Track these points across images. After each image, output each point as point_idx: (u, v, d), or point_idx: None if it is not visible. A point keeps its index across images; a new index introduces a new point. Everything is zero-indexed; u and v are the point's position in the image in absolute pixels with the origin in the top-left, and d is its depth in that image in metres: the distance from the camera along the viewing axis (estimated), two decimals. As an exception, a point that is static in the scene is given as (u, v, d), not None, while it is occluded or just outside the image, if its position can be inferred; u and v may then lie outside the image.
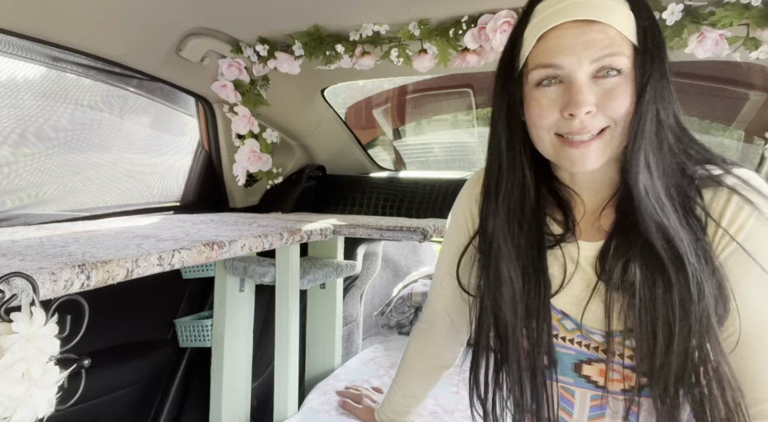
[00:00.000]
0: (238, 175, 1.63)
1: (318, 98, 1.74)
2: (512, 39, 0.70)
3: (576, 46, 0.62)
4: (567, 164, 0.66)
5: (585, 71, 0.62)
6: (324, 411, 1.36)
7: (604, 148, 0.64)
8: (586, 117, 0.62)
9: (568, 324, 0.73)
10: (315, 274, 1.52)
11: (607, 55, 0.61)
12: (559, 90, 0.64)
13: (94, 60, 1.29)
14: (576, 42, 0.62)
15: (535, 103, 0.66)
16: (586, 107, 0.62)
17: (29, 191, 1.28)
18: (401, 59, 1.26)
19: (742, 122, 1.80)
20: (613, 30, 0.62)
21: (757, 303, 0.62)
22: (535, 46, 0.65)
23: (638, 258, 0.64)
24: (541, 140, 0.67)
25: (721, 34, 1.00)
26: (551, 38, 0.64)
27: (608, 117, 0.63)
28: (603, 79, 0.62)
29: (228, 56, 1.42)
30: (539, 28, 0.64)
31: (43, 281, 0.66)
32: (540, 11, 0.65)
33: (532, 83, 0.66)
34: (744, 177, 0.64)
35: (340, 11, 1.21)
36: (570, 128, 0.63)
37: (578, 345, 0.73)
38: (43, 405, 0.60)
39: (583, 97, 0.62)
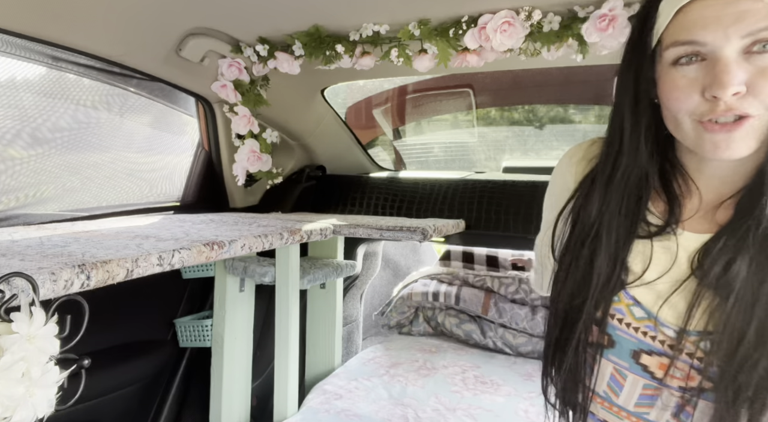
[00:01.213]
0: (237, 175, 1.63)
1: (318, 98, 1.74)
2: (643, 13, 0.62)
3: (723, 19, 0.53)
4: (709, 150, 0.58)
5: (734, 47, 0.54)
6: (324, 410, 1.36)
7: (752, 133, 0.56)
8: (733, 99, 0.54)
9: (637, 311, 0.69)
10: (315, 274, 1.52)
11: (763, 29, 0.52)
12: (701, 68, 0.56)
13: (94, 60, 1.29)
14: (723, 14, 0.53)
15: (671, 84, 0.58)
16: (734, 88, 0.53)
17: (27, 191, 1.28)
18: (401, 59, 1.26)
19: None
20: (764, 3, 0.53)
21: None
22: (673, 19, 0.57)
23: (748, 257, 0.59)
24: (680, 124, 0.60)
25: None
26: (693, 10, 0.55)
27: (760, 100, 0.54)
28: (758, 55, 0.54)
29: (228, 56, 1.42)
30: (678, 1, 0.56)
31: (43, 281, 0.66)
32: None
33: (668, 61, 0.58)
34: None
35: (340, 11, 1.21)
36: (713, 112, 0.55)
37: (642, 335, 0.69)
38: (43, 405, 0.60)
39: (730, 76, 0.53)
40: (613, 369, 0.72)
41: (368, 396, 1.49)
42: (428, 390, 1.52)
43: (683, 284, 0.65)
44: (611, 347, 0.71)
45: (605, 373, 0.72)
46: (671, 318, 0.66)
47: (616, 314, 0.70)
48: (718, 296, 0.61)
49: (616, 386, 0.72)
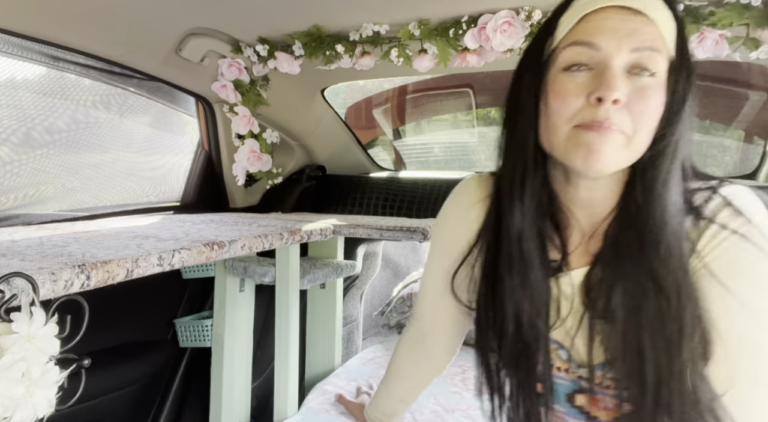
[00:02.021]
0: (238, 175, 1.63)
1: (318, 98, 1.74)
2: (546, 26, 0.65)
3: (618, 31, 0.58)
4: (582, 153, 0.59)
5: (622, 59, 0.58)
6: (324, 411, 1.36)
7: (619, 149, 0.59)
8: (612, 108, 0.57)
9: (562, 353, 0.71)
10: (315, 274, 1.52)
11: (648, 48, 0.57)
12: (589, 76, 0.59)
13: (94, 60, 1.29)
14: (620, 27, 0.58)
15: (559, 86, 0.60)
16: (618, 94, 0.56)
17: (27, 190, 1.28)
18: (401, 59, 1.26)
19: (742, 122, 1.80)
20: (656, 28, 0.58)
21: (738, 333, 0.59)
22: (574, 27, 0.60)
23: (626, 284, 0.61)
24: (556, 131, 0.61)
25: (721, 34, 1.00)
26: (593, 20, 0.59)
27: (632, 119, 0.58)
28: (636, 76, 0.58)
29: (228, 56, 1.42)
30: (581, 10, 0.60)
31: (43, 281, 0.66)
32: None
33: (560, 67, 0.61)
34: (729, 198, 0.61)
35: (340, 11, 1.21)
36: (593, 117, 0.58)
37: (572, 375, 0.70)
38: (43, 405, 0.60)
39: (617, 82, 0.57)
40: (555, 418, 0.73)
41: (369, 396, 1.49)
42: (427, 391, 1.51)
43: (581, 319, 0.66)
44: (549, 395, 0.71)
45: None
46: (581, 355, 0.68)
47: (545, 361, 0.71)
48: (608, 326, 0.63)
49: None
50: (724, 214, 0.60)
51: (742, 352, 0.58)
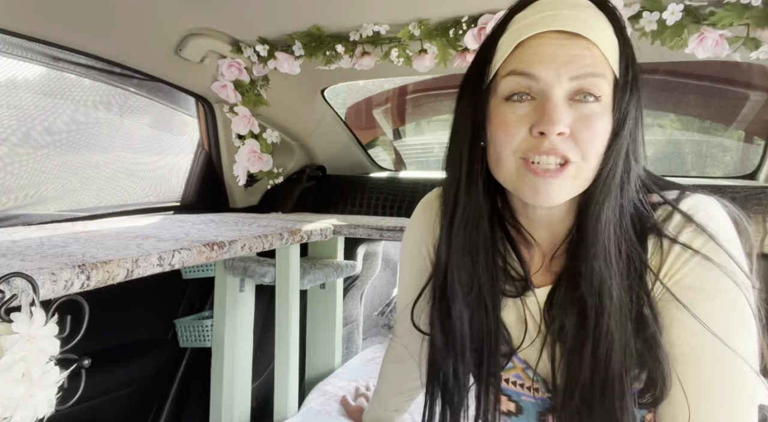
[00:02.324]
0: (238, 175, 1.62)
1: (318, 98, 1.74)
2: (485, 48, 0.63)
3: (557, 58, 0.55)
4: (529, 193, 0.58)
5: (563, 88, 0.56)
6: (324, 411, 1.36)
7: (570, 182, 0.58)
8: (557, 139, 0.56)
9: (530, 373, 0.70)
10: (315, 274, 1.52)
11: (589, 75, 0.55)
12: (530, 107, 0.57)
13: (94, 60, 1.29)
14: (557, 54, 0.55)
15: (501, 118, 0.58)
16: (560, 126, 0.55)
17: (29, 191, 1.28)
18: (401, 59, 1.26)
19: (742, 122, 1.80)
20: (597, 50, 0.56)
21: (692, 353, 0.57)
22: (511, 54, 0.58)
23: (577, 307, 0.60)
24: (503, 162, 0.59)
25: (721, 34, 1.00)
26: (530, 46, 0.57)
27: (579, 147, 0.56)
28: (580, 103, 0.56)
29: (228, 56, 1.42)
30: (517, 36, 0.58)
31: (43, 281, 0.66)
32: (520, 20, 0.59)
33: (501, 96, 0.59)
34: (690, 213, 0.59)
35: (340, 11, 1.21)
36: (538, 149, 0.56)
37: (543, 394, 0.70)
38: (43, 405, 0.60)
39: (558, 115, 0.55)
40: None
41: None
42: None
43: (545, 341, 0.66)
44: (520, 413, 0.72)
45: None
46: (547, 374, 0.67)
47: (516, 381, 0.71)
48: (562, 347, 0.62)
49: None
50: (687, 232, 0.58)
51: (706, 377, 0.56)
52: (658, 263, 0.59)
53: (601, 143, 0.57)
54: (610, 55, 0.57)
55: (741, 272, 0.57)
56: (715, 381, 0.56)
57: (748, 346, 0.56)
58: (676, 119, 1.98)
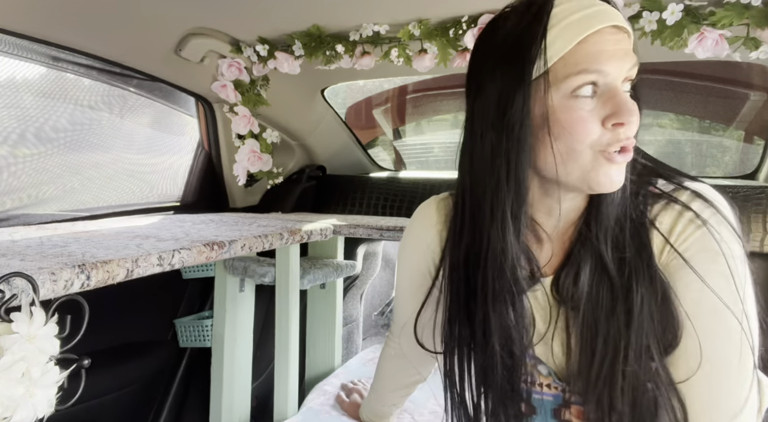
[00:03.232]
0: (238, 175, 1.62)
1: (318, 98, 1.74)
2: (521, 40, 0.60)
3: (617, 53, 0.58)
4: (605, 181, 0.60)
5: (621, 81, 0.59)
6: (324, 411, 1.36)
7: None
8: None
9: (543, 368, 0.70)
10: (315, 274, 1.52)
11: (635, 65, 0.60)
12: (597, 101, 0.59)
13: (94, 60, 1.29)
14: (617, 49, 0.58)
15: (575, 114, 0.58)
16: (637, 116, 0.58)
17: (29, 191, 1.28)
18: (401, 59, 1.26)
19: (742, 122, 1.80)
20: (631, 40, 0.61)
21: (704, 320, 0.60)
22: (573, 49, 0.58)
23: (589, 269, 0.63)
24: (577, 156, 0.59)
25: (721, 34, 1.00)
26: (594, 43, 0.57)
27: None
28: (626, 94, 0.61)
29: (228, 56, 1.42)
30: (577, 30, 0.57)
31: (43, 281, 0.66)
32: (566, 13, 0.58)
33: (566, 91, 0.58)
34: (698, 191, 0.63)
35: (340, 11, 1.21)
36: (618, 140, 0.58)
37: (555, 390, 0.70)
38: (43, 405, 0.60)
39: (633, 105, 0.58)
40: None
41: (368, 396, 1.49)
42: (426, 391, 1.51)
43: (556, 321, 0.67)
44: (532, 414, 0.71)
45: None
46: (561, 364, 0.68)
47: (527, 379, 0.70)
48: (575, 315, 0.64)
49: None
50: (696, 205, 0.62)
51: (712, 333, 0.59)
52: (668, 230, 0.63)
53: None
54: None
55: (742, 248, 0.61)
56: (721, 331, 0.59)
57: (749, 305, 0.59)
58: (675, 119, 1.98)
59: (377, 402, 1.09)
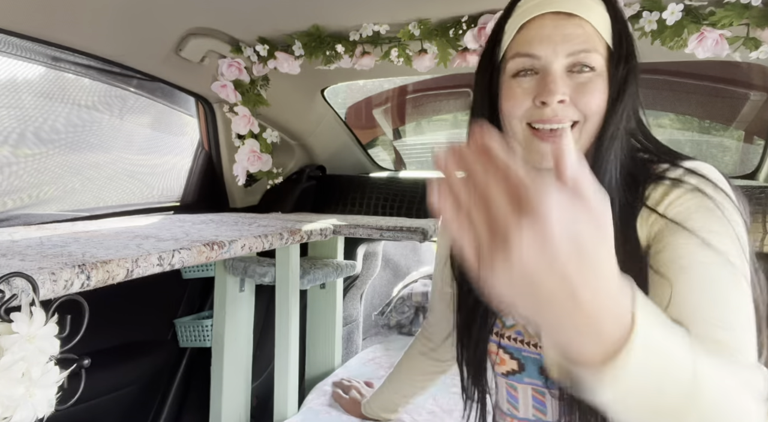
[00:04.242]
0: (238, 175, 1.62)
1: (318, 98, 1.74)
2: (494, 32, 0.71)
3: (553, 37, 0.63)
4: (537, 158, 0.65)
5: (560, 63, 0.63)
6: (324, 411, 1.36)
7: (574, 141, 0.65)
8: (559, 106, 0.63)
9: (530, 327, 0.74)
10: (315, 274, 1.52)
11: (582, 51, 0.63)
12: (534, 81, 0.65)
13: (94, 60, 1.29)
14: (554, 33, 0.63)
15: (509, 92, 0.66)
16: (559, 96, 0.62)
17: (29, 192, 1.28)
18: (401, 59, 1.26)
19: (742, 122, 1.80)
20: (590, 26, 0.63)
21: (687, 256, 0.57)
22: (515, 36, 0.66)
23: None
24: (514, 130, 0.67)
25: (721, 34, 1.00)
26: (531, 29, 0.65)
27: (580, 111, 0.64)
28: (577, 73, 0.64)
29: (228, 56, 1.42)
30: (520, 19, 0.66)
31: (43, 281, 0.66)
32: (522, 4, 0.67)
33: (509, 74, 0.67)
34: (695, 167, 0.63)
35: (340, 11, 1.21)
36: (541, 116, 0.64)
37: (540, 349, 0.73)
38: (43, 405, 0.60)
39: (556, 86, 0.62)
40: (533, 392, 0.76)
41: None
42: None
43: None
44: (522, 371, 0.75)
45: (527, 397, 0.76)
46: None
47: (517, 337, 0.75)
48: None
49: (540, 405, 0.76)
50: (691, 178, 0.62)
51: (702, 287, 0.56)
52: (656, 202, 0.63)
53: (597, 106, 0.64)
54: (603, 31, 0.64)
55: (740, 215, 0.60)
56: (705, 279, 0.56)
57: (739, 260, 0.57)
58: (676, 119, 1.98)
59: (391, 390, 1.12)
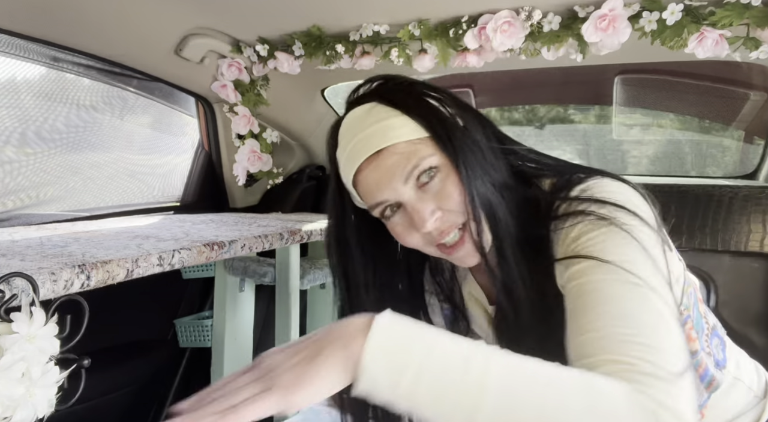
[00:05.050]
0: (238, 175, 1.62)
1: (318, 98, 1.74)
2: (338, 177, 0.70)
3: (382, 180, 0.62)
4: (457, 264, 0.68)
5: (408, 190, 0.62)
6: (325, 411, 1.36)
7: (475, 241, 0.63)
8: (438, 222, 0.62)
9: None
10: (315, 274, 1.52)
11: (412, 170, 0.61)
12: (404, 213, 0.64)
13: (94, 60, 1.29)
14: (379, 176, 0.62)
15: (394, 231, 0.67)
16: (430, 222, 0.62)
17: (30, 192, 1.28)
18: (401, 59, 1.26)
19: (742, 122, 1.80)
20: (400, 145, 0.62)
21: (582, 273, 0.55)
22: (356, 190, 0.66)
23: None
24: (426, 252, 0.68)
25: (721, 34, 1.00)
26: (361, 183, 0.64)
27: (454, 212, 0.62)
28: (427, 184, 0.62)
29: (228, 56, 1.42)
30: (347, 177, 0.65)
31: (43, 281, 0.66)
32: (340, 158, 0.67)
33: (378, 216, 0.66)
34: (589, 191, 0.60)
35: (340, 11, 1.21)
36: (434, 240, 0.64)
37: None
38: (43, 405, 0.60)
39: (420, 215, 0.62)
40: None
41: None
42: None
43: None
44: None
45: None
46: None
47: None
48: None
49: None
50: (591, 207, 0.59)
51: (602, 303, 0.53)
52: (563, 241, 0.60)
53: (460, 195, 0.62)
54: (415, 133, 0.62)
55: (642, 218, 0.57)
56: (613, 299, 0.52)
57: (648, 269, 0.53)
58: (675, 119, 1.98)
59: None
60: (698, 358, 0.66)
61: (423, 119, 0.63)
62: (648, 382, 0.44)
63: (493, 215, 0.62)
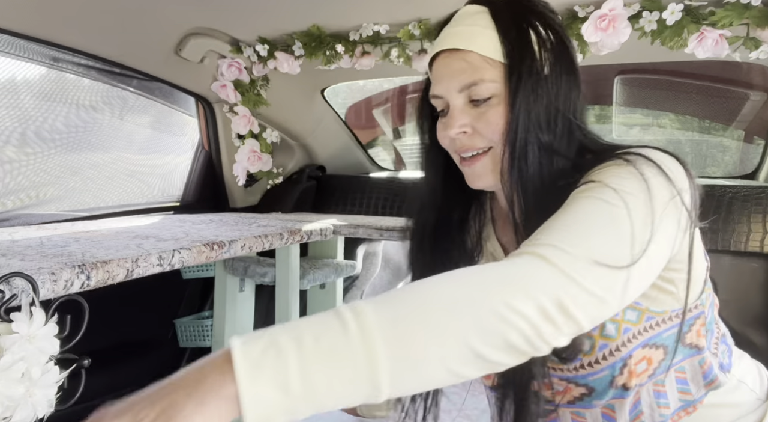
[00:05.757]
0: (238, 175, 1.62)
1: (318, 98, 1.74)
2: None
3: (444, 77, 0.65)
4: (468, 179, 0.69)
5: (458, 99, 0.64)
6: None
7: (491, 166, 0.65)
8: (464, 137, 0.65)
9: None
10: (315, 274, 1.52)
11: (471, 84, 0.63)
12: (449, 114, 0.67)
13: (94, 60, 1.29)
14: (445, 72, 0.65)
15: (437, 129, 0.70)
16: (457, 128, 0.64)
17: (30, 192, 1.28)
18: (401, 59, 1.26)
19: (742, 122, 1.80)
20: (474, 56, 0.62)
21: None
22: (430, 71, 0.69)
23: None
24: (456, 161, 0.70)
25: (721, 34, 1.00)
26: (433, 69, 0.68)
27: (483, 138, 0.64)
28: (476, 104, 0.64)
29: (228, 56, 1.42)
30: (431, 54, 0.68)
31: (43, 281, 0.66)
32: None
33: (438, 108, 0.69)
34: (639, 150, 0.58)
35: (340, 11, 1.21)
36: (455, 148, 0.67)
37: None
38: (43, 405, 0.60)
39: (454, 120, 0.64)
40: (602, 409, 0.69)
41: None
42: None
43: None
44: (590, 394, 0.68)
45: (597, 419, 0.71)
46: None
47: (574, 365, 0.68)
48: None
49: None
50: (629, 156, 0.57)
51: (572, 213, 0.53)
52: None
53: (499, 130, 0.63)
54: (493, 52, 0.62)
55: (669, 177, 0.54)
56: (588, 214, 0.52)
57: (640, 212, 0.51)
58: (675, 119, 1.98)
59: None
60: (703, 356, 0.66)
61: (510, 47, 0.62)
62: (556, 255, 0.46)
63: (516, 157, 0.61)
